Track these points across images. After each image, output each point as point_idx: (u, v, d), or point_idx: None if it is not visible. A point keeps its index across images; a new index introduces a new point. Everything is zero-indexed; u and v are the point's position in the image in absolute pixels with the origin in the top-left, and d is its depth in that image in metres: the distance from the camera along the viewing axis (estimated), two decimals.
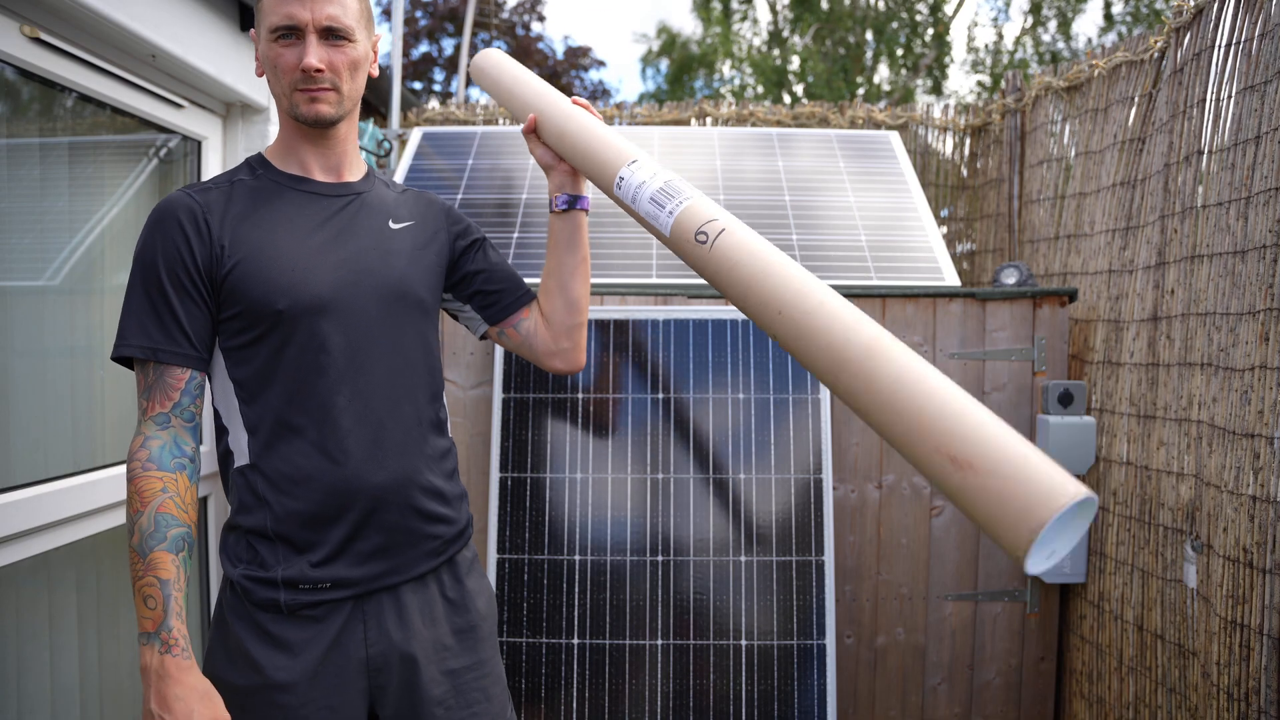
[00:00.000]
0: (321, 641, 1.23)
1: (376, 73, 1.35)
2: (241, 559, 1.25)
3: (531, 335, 1.49)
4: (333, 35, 1.23)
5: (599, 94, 13.49)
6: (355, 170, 1.35)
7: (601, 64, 13.92)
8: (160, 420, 1.18)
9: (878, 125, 3.59)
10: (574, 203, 1.44)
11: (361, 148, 2.91)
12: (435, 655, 1.29)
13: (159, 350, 1.18)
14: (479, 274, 1.45)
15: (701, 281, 2.53)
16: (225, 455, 1.28)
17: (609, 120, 3.71)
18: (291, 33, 1.21)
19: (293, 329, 1.21)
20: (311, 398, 1.22)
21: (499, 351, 2.34)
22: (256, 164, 1.32)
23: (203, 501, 2.30)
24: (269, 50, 1.23)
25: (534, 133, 1.44)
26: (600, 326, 2.34)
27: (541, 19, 13.37)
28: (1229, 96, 1.89)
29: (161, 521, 1.14)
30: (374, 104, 3.55)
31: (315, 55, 1.21)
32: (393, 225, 1.35)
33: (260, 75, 1.29)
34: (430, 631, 1.30)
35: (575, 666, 2.17)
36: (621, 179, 1.28)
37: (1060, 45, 12.11)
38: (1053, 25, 12.21)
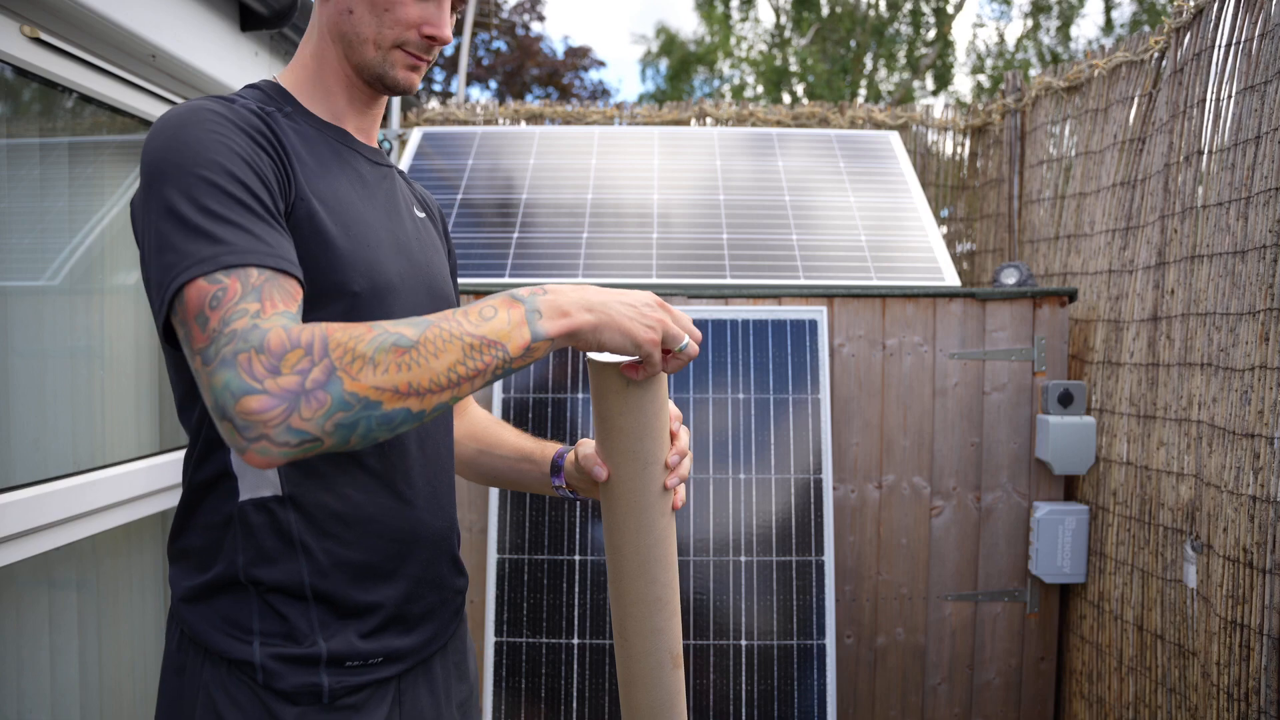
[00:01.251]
0: None
1: None
2: (253, 630, 0.91)
3: None
4: (454, 6, 1.03)
5: (599, 94, 13.50)
6: (374, 137, 1.13)
7: (601, 64, 13.91)
8: (291, 316, 0.78)
9: (878, 125, 3.59)
10: (573, 500, 1.19)
11: None
12: None
13: (281, 258, 0.81)
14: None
15: (702, 281, 2.53)
16: (217, 479, 0.93)
17: (608, 120, 3.71)
18: None
19: (361, 317, 0.92)
20: None
21: None
22: (277, 97, 1.00)
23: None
24: None
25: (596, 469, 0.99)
26: None
27: (541, 19, 13.38)
28: (1229, 96, 1.89)
29: (388, 325, 0.78)
30: None
31: (449, 26, 1.01)
32: (418, 214, 1.13)
33: (345, 9, 0.99)
34: (448, 710, 1.08)
35: (575, 666, 2.16)
36: None
37: (1060, 49, 12.12)
38: (1053, 27, 12.21)
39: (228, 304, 0.75)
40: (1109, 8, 11.67)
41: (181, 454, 2.10)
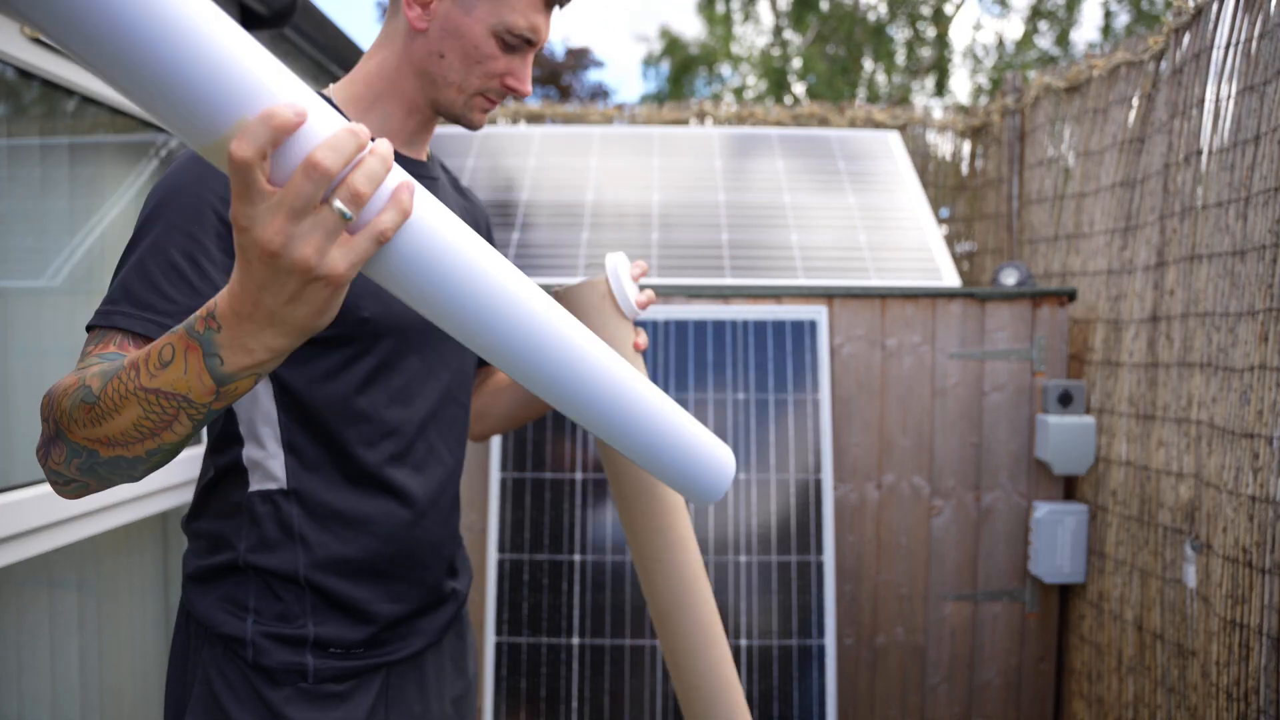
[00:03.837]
0: None
1: None
2: (250, 609, 0.98)
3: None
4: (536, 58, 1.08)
5: (599, 94, 13.50)
6: (425, 150, 1.15)
7: (600, 64, 13.92)
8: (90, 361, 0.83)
9: (877, 125, 3.59)
10: None
11: None
12: None
13: (149, 321, 0.86)
14: None
15: (702, 281, 2.53)
16: (230, 470, 1.01)
17: (608, 121, 3.71)
18: (523, 44, 1.03)
19: (374, 342, 0.99)
20: (383, 424, 1.01)
21: None
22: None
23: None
24: (483, 43, 1.00)
25: None
26: None
27: None
28: (1228, 97, 1.89)
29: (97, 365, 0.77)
30: None
31: (529, 81, 1.05)
32: None
33: (420, 28, 1.00)
34: (438, 705, 1.11)
35: (575, 666, 2.17)
36: None
37: (1057, 52, 12.11)
38: (1053, 32, 12.20)
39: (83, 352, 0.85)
40: (1108, 14, 11.66)
41: (181, 454, 2.10)
